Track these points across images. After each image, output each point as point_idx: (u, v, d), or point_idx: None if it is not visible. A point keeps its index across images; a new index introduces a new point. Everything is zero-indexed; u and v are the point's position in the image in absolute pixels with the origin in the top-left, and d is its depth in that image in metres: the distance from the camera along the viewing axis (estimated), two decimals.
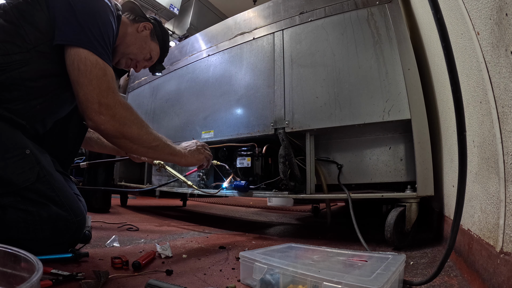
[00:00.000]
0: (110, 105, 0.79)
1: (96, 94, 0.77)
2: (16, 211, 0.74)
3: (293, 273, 0.59)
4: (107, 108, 0.78)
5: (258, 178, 1.45)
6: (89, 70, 0.77)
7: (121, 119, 0.82)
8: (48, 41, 0.78)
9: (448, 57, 0.43)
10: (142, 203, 2.69)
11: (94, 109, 0.77)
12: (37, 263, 0.41)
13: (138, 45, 1.05)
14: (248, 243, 1.19)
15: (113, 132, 0.82)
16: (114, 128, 0.81)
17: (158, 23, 1.12)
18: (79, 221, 0.82)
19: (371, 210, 2.24)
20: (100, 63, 0.79)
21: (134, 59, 1.08)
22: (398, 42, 1.14)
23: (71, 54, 0.77)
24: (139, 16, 1.06)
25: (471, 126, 0.71)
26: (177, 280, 0.70)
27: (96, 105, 0.77)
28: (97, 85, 0.77)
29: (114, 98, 0.80)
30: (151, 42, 1.09)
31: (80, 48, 0.77)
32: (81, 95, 0.77)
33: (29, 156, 0.76)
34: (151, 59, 1.13)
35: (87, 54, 0.77)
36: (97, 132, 0.85)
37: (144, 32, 1.06)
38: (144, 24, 1.05)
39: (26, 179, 0.75)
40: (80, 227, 0.84)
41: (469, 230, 0.74)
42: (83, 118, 0.81)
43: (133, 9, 1.07)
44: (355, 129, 1.22)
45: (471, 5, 0.62)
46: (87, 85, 0.77)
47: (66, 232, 0.80)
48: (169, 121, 1.91)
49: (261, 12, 1.56)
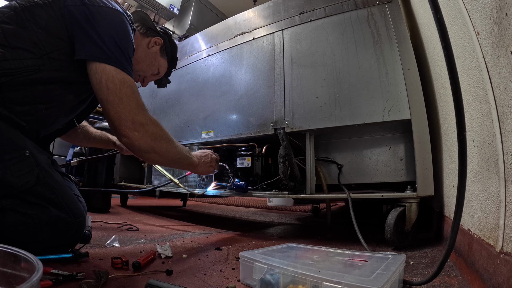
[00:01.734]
0: (143, 122, 0.82)
1: (128, 112, 0.79)
2: (16, 214, 0.73)
3: (293, 273, 0.59)
4: (140, 125, 0.82)
5: (258, 178, 1.45)
6: (118, 88, 0.77)
7: (152, 135, 0.85)
8: (63, 49, 0.77)
9: (448, 57, 0.43)
10: (142, 203, 2.69)
11: (128, 126, 0.80)
12: (37, 263, 0.41)
13: (148, 62, 1.06)
14: (248, 243, 1.19)
15: (145, 147, 0.85)
16: (147, 144, 0.85)
17: (168, 36, 1.12)
18: (78, 222, 0.82)
19: (371, 210, 2.24)
20: (127, 81, 0.79)
21: (143, 75, 1.09)
22: (398, 42, 1.14)
23: (98, 72, 0.77)
24: (150, 30, 1.05)
25: (471, 126, 0.71)
26: (177, 280, 0.70)
27: (129, 123, 0.80)
28: (128, 103, 0.79)
29: (145, 115, 0.83)
30: (160, 58, 1.09)
31: (106, 65, 0.77)
32: (113, 113, 0.79)
33: (28, 158, 0.75)
34: (159, 74, 1.13)
35: (114, 71, 0.77)
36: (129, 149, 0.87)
37: (154, 48, 1.05)
38: (155, 39, 1.05)
39: (26, 182, 0.74)
40: (80, 228, 0.83)
41: (469, 230, 0.74)
42: (116, 135, 0.83)
43: (144, 20, 1.05)
44: (355, 129, 1.22)
45: (471, 5, 0.62)
46: (118, 104, 0.78)
47: (66, 233, 0.80)
48: (169, 121, 1.91)
49: (261, 12, 1.56)
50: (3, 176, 0.71)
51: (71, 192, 0.85)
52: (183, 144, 1.73)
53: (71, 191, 0.86)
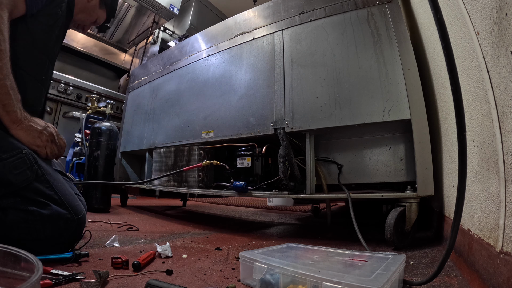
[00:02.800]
0: None
1: None
2: (17, 212, 0.74)
3: (293, 273, 0.59)
4: None
5: (258, 178, 1.45)
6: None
7: None
8: None
9: (448, 57, 0.43)
10: (142, 203, 2.69)
11: None
12: (37, 263, 0.41)
13: (87, 13, 1.12)
14: (248, 243, 1.19)
15: None
16: None
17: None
18: (79, 219, 0.83)
19: (371, 210, 2.24)
20: None
21: (82, 24, 1.15)
22: (398, 42, 1.14)
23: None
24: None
25: (471, 126, 0.70)
26: (177, 280, 0.70)
27: None
28: None
29: None
30: (99, 10, 1.16)
31: None
32: None
33: (26, 156, 0.77)
34: (96, 23, 1.19)
35: None
36: None
37: (93, 1, 1.11)
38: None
39: (25, 179, 0.75)
40: (80, 225, 0.84)
41: (469, 230, 0.74)
42: None
43: None
44: (355, 129, 1.21)
45: (471, 5, 0.62)
46: None
47: (67, 230, 0.80)
48: (169, 121, 1.91)
49: (261, 12, 1.56)
50: (3, 175, 0.72)
51: (70, 189, 0.86)
52: (183, 144, 1.74)
53: (71, 189, 0.87)
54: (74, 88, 2.89)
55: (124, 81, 3.73)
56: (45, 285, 0.59)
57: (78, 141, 2.35)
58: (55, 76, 2.75)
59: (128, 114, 2.39)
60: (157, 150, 1.94)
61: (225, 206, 2.91)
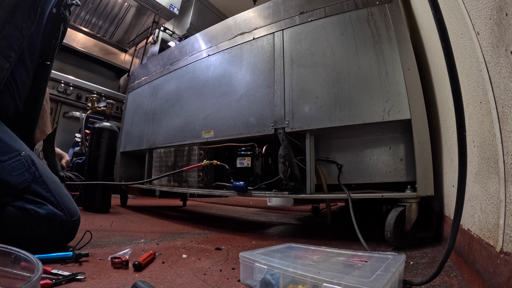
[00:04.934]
0: None
1: None
2: (15, 208, 0.75)
3: (293, 274, 0.59)
4: None
5: (258, 178, 1.45)
6: None
7: None
8: None
9: (448, 57, 0.43)
10: (142, 203, 2.69)
11: None
12: (37, 263, 0.41)
13: None
14: (248, 243, 1.19)
15: None
16: None
17: None
18: (74, 221, 0.84)
19: (371, 210, 2.24)
20: None
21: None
22: (398, 42, 1.14)
23: None
24: None
25: (471, 126, 0.70)
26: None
27: None
28: None
29: None
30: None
31: None
32: None
33: (24, 158, 0.78)
34: None
35: None
36: None
37: None
38: None
39: (23, 180, 0.76)
40: (75, 227, 0.86)
41: (469, 230, 0.74)
42: None
43: None
44: (355, 129, 1.21)
45: (471, 5, 0.62)
46: None
47: (61, 231, 0.82)
48: (169, 121, 1.91)
49: (261, 12, 1.56)
50: (2, 176, 0.73)
51: (66, 191, 0.88)
52: (183, 144, 1.74)
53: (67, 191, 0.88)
54: (74, 88, 2.89)
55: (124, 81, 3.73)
56: (45, 285, 0.59)
57: (78, 141, 2.35)
58: (56, 76, 2.75)
59: (128, 114, 2.39)
60: (157, 150, 1.94)
61: (225, 206, 2.90)
